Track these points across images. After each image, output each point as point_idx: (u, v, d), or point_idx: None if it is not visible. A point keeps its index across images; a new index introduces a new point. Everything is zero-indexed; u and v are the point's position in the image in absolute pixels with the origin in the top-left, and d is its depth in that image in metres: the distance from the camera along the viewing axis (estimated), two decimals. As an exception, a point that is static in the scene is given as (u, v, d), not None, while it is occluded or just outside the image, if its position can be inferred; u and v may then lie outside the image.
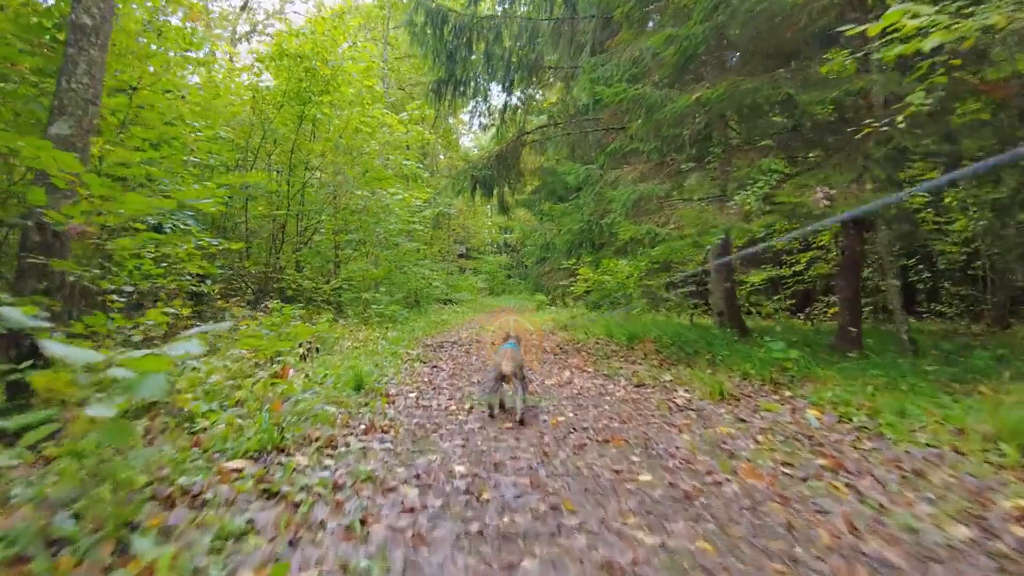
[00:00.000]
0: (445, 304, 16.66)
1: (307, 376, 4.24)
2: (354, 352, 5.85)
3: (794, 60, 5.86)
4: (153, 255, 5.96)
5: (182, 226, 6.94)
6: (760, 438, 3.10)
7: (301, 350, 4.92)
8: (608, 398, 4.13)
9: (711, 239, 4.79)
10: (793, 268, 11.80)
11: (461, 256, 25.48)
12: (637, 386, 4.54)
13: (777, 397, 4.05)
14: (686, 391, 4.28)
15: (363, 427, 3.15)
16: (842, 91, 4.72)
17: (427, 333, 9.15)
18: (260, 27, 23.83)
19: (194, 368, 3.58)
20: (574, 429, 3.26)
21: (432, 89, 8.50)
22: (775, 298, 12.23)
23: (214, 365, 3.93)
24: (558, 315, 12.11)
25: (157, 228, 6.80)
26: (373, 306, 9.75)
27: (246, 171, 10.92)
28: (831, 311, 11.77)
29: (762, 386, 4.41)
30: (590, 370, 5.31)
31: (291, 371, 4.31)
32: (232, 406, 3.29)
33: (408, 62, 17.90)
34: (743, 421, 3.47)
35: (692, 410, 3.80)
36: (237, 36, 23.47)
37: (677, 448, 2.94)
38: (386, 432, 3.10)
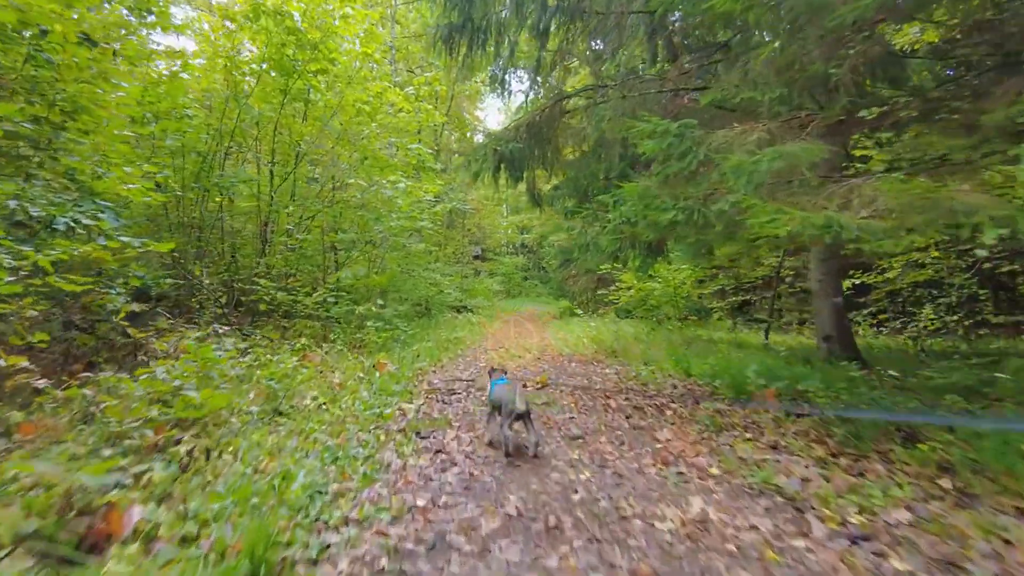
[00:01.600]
0: (459, 312, 14.33)
1: (158, 528, 1.90)
2: (312, 418, 3.51)
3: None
4: (15, 263, 3.71)
5: (87, 221, 4.62)
6: None
7: (183, 449, 2.57)
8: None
9: (989, 235, 2.31)
10: (885, 275, 9.20)
11: (476, 258, 23.14)
12: (855, 540, 2.10)
13: None
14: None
15: None
16: None
17: (435, 360, 6.79)
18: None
19: None
20: None
21: (441, 37, 6.11)
22: (863, 312, 9.65)
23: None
24: (598, 330, 9.67)
25: (50, 225, 4.49)
26: (369, 323, 7.42)
27: (223, 159, 8.74)
28: (929, 326, 9.18)
29: None
30: (715, 471, 2.87)
31: (134, 516, 1.97)
32: None
33: (420, 43, 15.57)
34: None
35: None
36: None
37: None
38: None
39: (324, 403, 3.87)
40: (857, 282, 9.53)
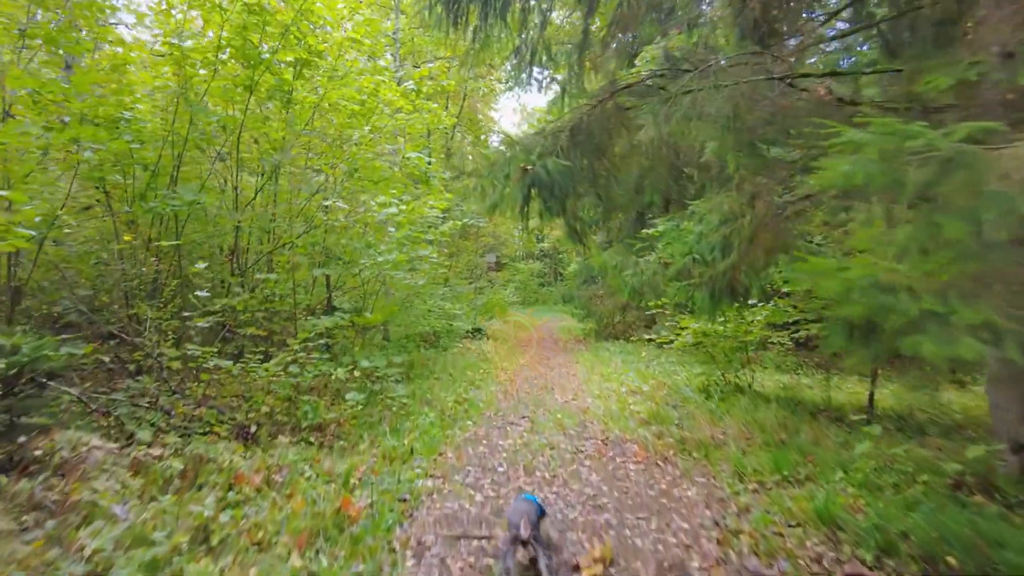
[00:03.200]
0: (473, 336, 12.29)
1: None
2: None
3: None
4: None
5: None
6: None
7: None
8: None
9: None
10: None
11: (490, 269, 21.07)
12: None
13: None
14: None
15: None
16: None
17: (433, 457, 4.71)
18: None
19: None
20: None
21: (442, 0, 4.02)
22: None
23: None
24: (647, 381, 7.51)
25: None
26: (349, 396, 5.39)
27: (175, 173, 6.80)
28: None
29: None
30: None
31: None
32: None
33: (430, 37, 13.49)
34: None
35: None
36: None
37: None
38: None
39: None
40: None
